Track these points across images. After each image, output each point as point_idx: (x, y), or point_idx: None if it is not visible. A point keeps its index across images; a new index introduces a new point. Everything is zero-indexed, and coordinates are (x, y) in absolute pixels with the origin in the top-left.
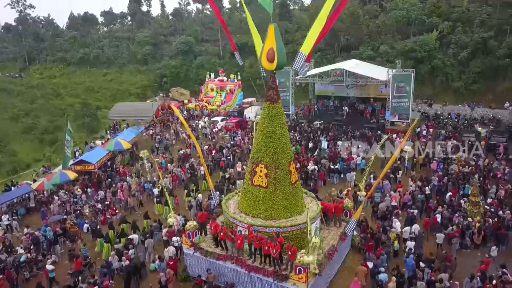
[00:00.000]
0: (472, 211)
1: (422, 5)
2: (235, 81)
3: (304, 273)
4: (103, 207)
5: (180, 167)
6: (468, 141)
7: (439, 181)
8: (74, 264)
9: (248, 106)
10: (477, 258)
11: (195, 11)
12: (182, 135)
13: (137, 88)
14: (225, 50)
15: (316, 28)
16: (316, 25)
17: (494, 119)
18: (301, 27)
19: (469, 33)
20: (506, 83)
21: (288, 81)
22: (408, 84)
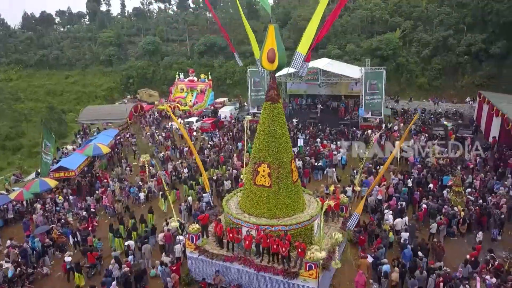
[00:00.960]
0: (455, 201)
1: (385, 5)
2: (206, 81)
3: (314, 269)
4: (88, 215)
5: (164, 170)
6: (438, 135)
7: (418, 173)
8: (89, 258)
9: (221, 106)
10: (464, 245)
11: (157, 11)
12: (158, 137)
13: (103, 91)
14: (192, 50)
15: (311, 27)
16: (311, 25)
17: (457, 113)
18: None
19: (429, 31)
20: (465, 78)
21: (263, 80)
22: (380, 81)
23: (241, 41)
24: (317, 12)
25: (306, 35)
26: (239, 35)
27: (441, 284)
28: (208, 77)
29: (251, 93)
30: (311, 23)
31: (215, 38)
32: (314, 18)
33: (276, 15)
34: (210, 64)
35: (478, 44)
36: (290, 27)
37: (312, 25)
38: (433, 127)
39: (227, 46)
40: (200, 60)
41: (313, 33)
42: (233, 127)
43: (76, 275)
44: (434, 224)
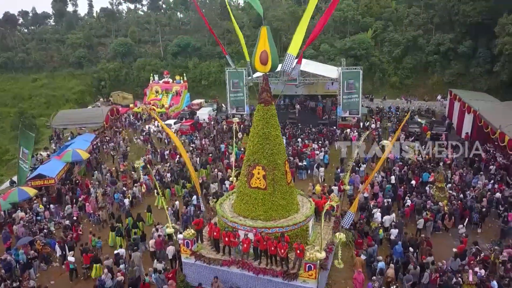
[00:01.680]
0: (439, 196)
1: (356, 6)
2: (181, 82)
3: (314, 269)
4: (71, 223)
5: (147, 175)
6: (415, 132)
7: (399, 170)
8: (84, 259)
9: (198, 108)
10: (449, 239)
11: (126, 11)
12: (137, 141)
13: (74, 94)
14: (166, 51)
15: (301, 29)
16: (301, 26)
17: (429, 110)
18: (243, 26)
19: (399, 31)
20: (435, 77)
21: (242, 81)
22: (357, 80)
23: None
24: (306, 14)
25: (296, 37)
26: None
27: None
28: (183, 78)
29: (229, 94)
30: (300, 24)
31: (188, 38)
32: (303, 19)
33: (249, 16)
34: (184, 65)
35: (446, 44)
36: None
37: (302, 27)
38: (409, 125)
39: (201, 47)
40: (174, 61)
41: (302, 35)
42: (213, 129)
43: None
44: (421, 220)
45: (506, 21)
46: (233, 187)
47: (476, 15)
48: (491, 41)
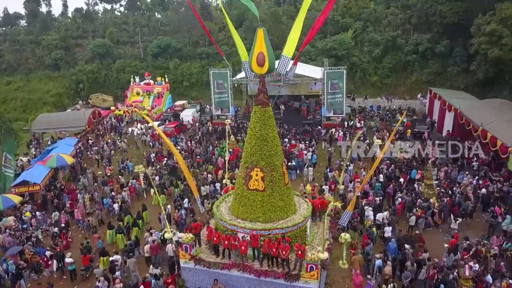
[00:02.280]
0: (428, 193)
1: (336, 6)
2: (163, 83)
3: (316, 270)
4: (59, 230)
5: (134, 179)
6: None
7: (387, 168)
8: (82, 261)
9: (181, 109)
10: (440, 235)
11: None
12: (121, 144)
13: (52, 97)
14: (146, 52)
15: (295, 30)
16: (295, 28)
17: (409, 109)
18: (224, 27)
19: (378, 32)
20: (414, 76)
21: (226, 82)
22: (341, 80)
23: (195, 42)
24: (300, 15)
25: (290, 38)
26: (194, 36)
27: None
28: (164, 79)
29: (214, 95)
30: (295, 26)
31: (168, 39)
32: (297, 21)
33: (230, 16)
34: (165, 67)
35: (424, 44)
36: (245, 28)
37: (296, 28)
38: (392, 123)
39: (182, 48)
40: (154, 63)
41: (297, 36)
42: (198, 131)
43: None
44: (413, 217)
45: (481, 22)
46: (227, 190)
47: (452, 15)
48: (467, 41)
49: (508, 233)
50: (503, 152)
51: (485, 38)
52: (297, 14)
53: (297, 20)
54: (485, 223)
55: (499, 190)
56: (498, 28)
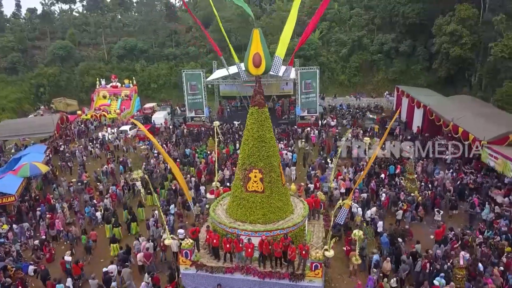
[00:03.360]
0: (410, 187)
1: (301, 7)
2: (131, 86)
3: (320, 268)
4: (41, 243)
5: (114, 185)
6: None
7: (366, 165)
8: (74, 270)
9: (151, 112)
10: (424, 227)
11: (59, 12)
12: (94, 150)
13: (10, 102)
14: (110, 54)
15: (287, 31)
16: (287, 28)
17: (377, 106)
18: (191, 28)
19: (344, 32)
20: (380, 74)
21: (200, 83)
22: (314, 80)
23: (162, 43)
24: (291, 16)
25: (282, 39)
26: (160, 38)
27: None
28: (132, 82)
29: (187, 97)
30: (286, 26)
31: (134, 40)
32: (288, 21)
33: (197, 17)
34: (131, 68)
35: (389, 43)
36: (213, 29)
37: (288, 29)
38: (364, 121)
39: (148, 49)
40: (120, 65)
41: (289, 36)
42: (172, 133)
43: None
44: (399, 211)
45: (442, 22)
46: (218, 192)
47: (414, 16)
48: (428, 40)
49: (488, 222)
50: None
51: (446, 37)
52: (262, 14)
53: (288, 21)
54: (464, 214)
55: (474, 182)
56: (458, 28)
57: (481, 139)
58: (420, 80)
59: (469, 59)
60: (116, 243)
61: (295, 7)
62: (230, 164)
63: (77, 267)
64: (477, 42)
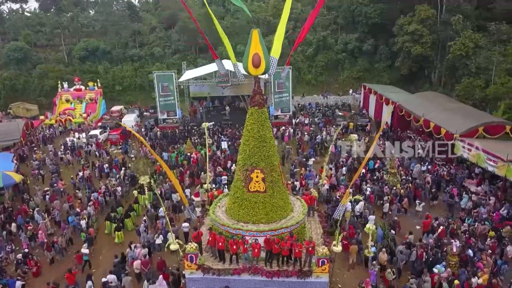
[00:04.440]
0: (393, 181)
1: (266, 7)
2: (95, 89)
3: (327, 263)
4: (24, 256)
5: (96, 192)
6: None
7: (346, 161)
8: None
9: (118, 115)
10: (409, 218)
11: (7, 11)
12: (65, 157)
13: None
14: (70, 56)
15: (280, 31)
16: (280, 28)
17: (345, 104)
18: (155, 28)
19: (309, 32)
20: (345, 73)
21: (172, 84)
22: (287, 79)
23: (125, 44)
24: (284, 16)
25: (277, 39)
26: (123, 38)
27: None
28: (97, 84)
29: (159, 99)
30: (279, 26)
31: (96, 41)
32: (281, 22)
33: (161, 17)
34: (94, 71)
35: (352, 43)
36: (179, 29)
37: (281, 29)
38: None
39: (111, 50)
40: (82, 67)
41: (282, 36)
42: (145, 136)
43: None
44: (386, 204)
45: (403, 22)
46: (212, 194)
47: (376, 16)
48: (389, 40)
49: (467, 210)
50: (448, 138)
51: (408, 36)
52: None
53: (281, 21)
54: (443, 204)
55: (448, 173)
56: (419, 27)
57: (454, 132)
58: (383, 77)
59: (430, 57)
60: (120, 230)
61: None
62: (212, 166)
63: (71, 276)
64: (436, 41)
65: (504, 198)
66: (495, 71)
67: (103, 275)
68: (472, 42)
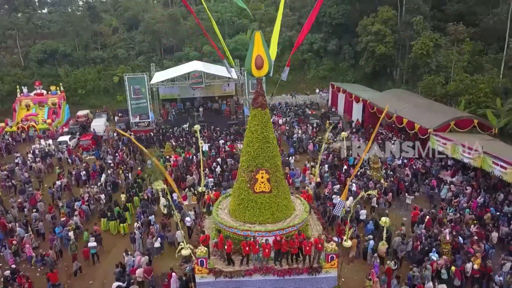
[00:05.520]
0: (376, 176)
1: (230, 7)
2: (58, 93)
3: (336, 259)
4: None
5: (79, 200)
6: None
7: (326, 158)
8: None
9: (85, 120)
10: (394, 210)
11: None
12: (36, 165)
13: None
14: (27, 59)
15: (275, 32)
16: (275, 30)
17: (313, 103)
18: (117, 29)
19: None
20: (311, 72)
21: (144, 87)
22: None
23: (85, 46)
24: (278, 16)
25: (273, 40)
26: (84, 40)
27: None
28: (59, 88)
29: (131, 102)
30: (275, 28)
31: (54, 43)
32: (276, 23)
33: (123, 18)
34: (54, 74)
35: (318, 43)
36: (144, 30)
37: (276, 30)
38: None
39: (72, 52)
40: (40, 70)
41: (277, 38)
42: (119, 141)
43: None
44: (374, 198)
45: (367, 22)
46: (209, 197)
47: (340, 17)
48: (353, 40)
49: (447, 200)
50: (422, 133)
51: (372, 36)
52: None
53: (276, 24)
54: (423, 196)
55: (423, 166)
56: (382, 28)
57: (428, 127)
58: (348, 76)
59: (392, 56)
60: (125, 222)
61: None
62: (195, 169)
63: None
64: (398, 41)
65: (479, 187)
66: (453, 68)
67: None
68: (432, 41)
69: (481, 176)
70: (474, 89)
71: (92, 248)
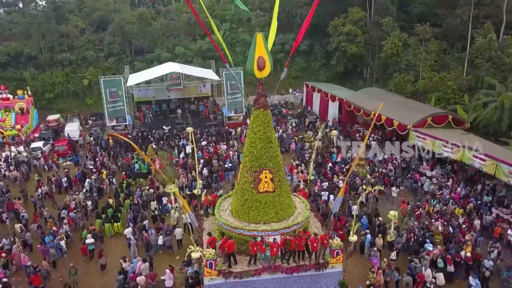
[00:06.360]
0: (362, 172)
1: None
2: (26, 97)
3: (341, 254)
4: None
5: (66, 208)
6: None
7: (309, 157)
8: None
9: (56, 124)
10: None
11: None
12: (12, 173)
13: None
14: None
15: (271, 35)
16: (271, 33)
17: (287, 102)
18: (85, 31)
19: (247, 32)
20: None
21: (120, 90)
22: (239, 81)
23: (51, 48)
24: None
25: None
26: (49, 41)
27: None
28: (27, 92)
29: (107, 105)
30: (271, 30)
31: (18, 45)
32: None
33: (92, 19)
34: (19, 77)
35: (289, 43)
36: (113, 31)
37: (272, 30)
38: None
39: (37, 55)
40: (4, 73)
41: (272, 39)
42: (96, 145)
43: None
44: (363, 194)
45: (338, 23)
46: (207, 199)
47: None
48: (323, 40)
49: (430, 193)
50: (401, 130)
51: (343, 37)
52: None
53: (272, 25)
54: (406, 189)
55: (404, 161)
56: (353, 28)
57: (407, 124)
58: (320, 76)
59: (363, 55)
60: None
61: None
62: (182, 171)
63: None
64: (369, 41)
65: (458, 179)
66: (421, 67)
67: None
68: (401, 41)
69: (460, 168)
70: (443, 86)
71: (90, 244)
